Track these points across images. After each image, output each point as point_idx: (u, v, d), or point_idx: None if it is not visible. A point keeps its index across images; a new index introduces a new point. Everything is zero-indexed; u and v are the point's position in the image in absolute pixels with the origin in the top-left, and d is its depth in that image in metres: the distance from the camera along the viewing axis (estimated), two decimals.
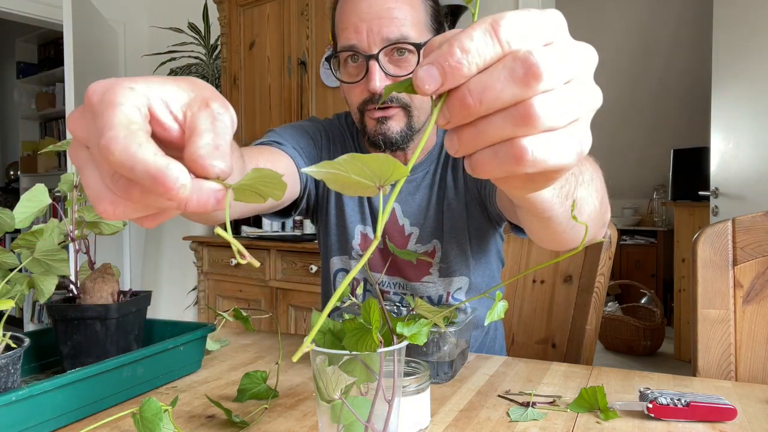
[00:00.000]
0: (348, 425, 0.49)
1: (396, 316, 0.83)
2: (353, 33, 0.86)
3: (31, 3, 3.42)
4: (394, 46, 0.86)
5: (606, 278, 1.13)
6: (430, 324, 0.52)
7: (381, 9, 0.85)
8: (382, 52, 0.86)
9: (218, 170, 0.31)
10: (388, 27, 0.85)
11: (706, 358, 0.95)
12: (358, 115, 0.92)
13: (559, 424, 0.66)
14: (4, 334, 0.62)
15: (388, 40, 0.85)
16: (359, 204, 1.04)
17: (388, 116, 0.89)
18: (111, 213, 0.32)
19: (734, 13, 2.86)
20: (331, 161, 0.31)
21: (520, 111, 0.29)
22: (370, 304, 0.48)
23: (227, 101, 0.34)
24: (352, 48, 0.87)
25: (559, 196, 0.51)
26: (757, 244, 0.95)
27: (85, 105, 0.32)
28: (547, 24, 0.30)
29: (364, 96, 0.89)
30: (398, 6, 0.86)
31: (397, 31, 0.85)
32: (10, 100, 5.30)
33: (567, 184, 0.52)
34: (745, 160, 2.87)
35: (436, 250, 1.00)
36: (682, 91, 4.54)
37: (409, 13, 0.87)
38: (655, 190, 4.59)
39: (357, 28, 0.86)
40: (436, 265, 1.00)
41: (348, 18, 0.87)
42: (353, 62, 0.89)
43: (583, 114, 0.32)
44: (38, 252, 0.69)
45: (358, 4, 0.87)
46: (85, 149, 0.33)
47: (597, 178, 0.62)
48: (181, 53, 3.30)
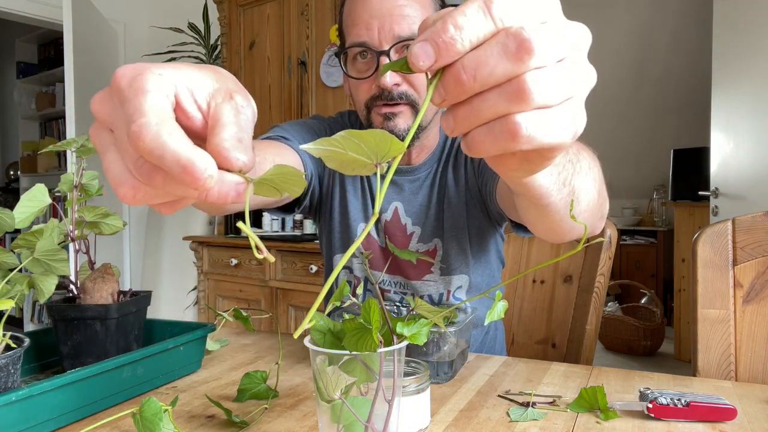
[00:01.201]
0: (348, 425, 0.49)
1: (396, 316, 0.83)
2: (364, 29, 0.87)
3: (31, 3, 3.42)
4: (404, 44, 0.86)
5: (606, 278, 1.13)
6: (430, 324, 0.52)
7: (392, 6, 0.86)
8: (393, 48, 0.86)
9: (241, 163, 0.31)
10: (399, 24, 0.86)
11: (706, 358, 0.95)
12: (365, 111, 0.92)
13: (559, 424, 0.66)
14: (4, 334, 0.62)
15: (399, 37, 0.86)
16: (362, 202, 1.04)
17: (396, 113, 0.89)
18: (131, 198, 0.32)
19: (734, 13, 2.86)
20: (329, 138, 0.31)
21: (514, 87, 0.29)
22: (370, 304, 0.48)
23: (249, 93, 0.35)
24: (363, 44, 0.88)
25: (557, 183, 0.51)
26: (757, 244, 0.95)
27: (113, 88, 0.32)
28: (540, 3, 0.30)
29: (372, 92, 0.89)
30: (409, 4, 0.86)
31: (408, 28, 0.86)
32: (10, 100, 5.30)
33: (564, 171, 0.52)
34: (745, 160, 2.87)
35: (437, 249, 1.00)
36: (682, 91, 4.54)
37: (420, 11, 0.87)
38: (655, 190, 4.59)
39: (368, 25, 0.87)
40: (437, 264, 1.00)
41: (359, 15, 0.88)
42: (362, 59, 0.90)
43: (576, 92, 0.32)
44: (38, 252, 0.69)
45: (369, 1, 0.87)
46: (108, 132, 0.33)
47: (595, 168, 0.62)
48: (181, 53, 3.30)
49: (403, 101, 0.88)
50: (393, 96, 0.87)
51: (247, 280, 2.74)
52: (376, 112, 0.90)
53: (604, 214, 0.72)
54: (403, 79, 0.87)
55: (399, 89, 0.87)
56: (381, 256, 1.03)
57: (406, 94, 0.88)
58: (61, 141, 0.86)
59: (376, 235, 1.03)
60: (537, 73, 0.29)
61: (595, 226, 0.71)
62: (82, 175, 0.77)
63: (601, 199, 0.66)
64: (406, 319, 0.52)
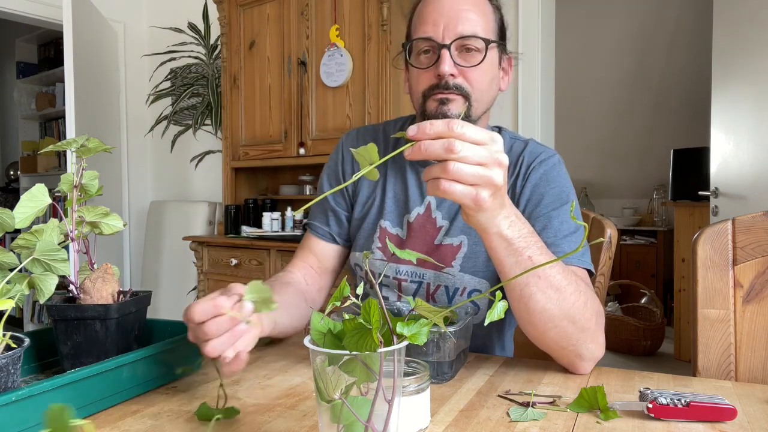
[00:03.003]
0: (348, 425, 0.49)
1: (396, 316, 0.83)
2: (431, 26, 0.95)
3: (31, 3, 3.42)
4: (465, 43, 0.95)
5: (606, 278, 1.13)
6: (430, 324, 0.52)
7: (459, 10, 0.95)
8: (454, 44, 0.94)
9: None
10: (462, 25, 0.94)
11: (706, 358, 0.95)
12: (421, 99, 0.99)
13: (559, 424, 0.66)
14: (4, 334, 0.62)
15: (462, 34, 0.94)
16: (381, 200, 1.09)
17: (450, 98, 0.96)
18: None
19: (734, 13, 2.86)
20: None
21: (444, 164, 0.63)
22: (370, 304, 0.48)
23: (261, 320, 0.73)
24: (429, 38, 0.96)
25: (511, 255, 0.75)
26: (757, 244, 0.95)
27: None
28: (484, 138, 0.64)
29: (431, 81, 0.96)
30: (474, 10, 0.96)
31: (470, 28, 0.95)
32: (10, 100, 5.30)
33: (519, 255, 0.75)
34: (745, 160, 2.87)
35: (462, 245, 1.01)
36: (682, 91, 4.54)
37: (482, 18, 0.97)
38: (655, 190, 4.59)
39: (435, 22, 0.95)
40: (458, 260, 1.01)
41: (429, 13, 0.97)
42: (425, 54, 0.98)
43: (482, 183, 0.64)
44: (38, 252, 0.69)
45: (440, 2, 0.96)
46: None
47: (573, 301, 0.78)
48: (181, 53, 3.30)
49: (457, 91, 0.95)
50: (449, 85, 0.95)
51: (247, 280, 2.72)
52: (432, 98, 0.97)
53: (581, 354, 0.82)
54: (459, 73, 0.95)
55: (455, 80, 0.95)
56: (398, 246, 1.05)
57: (460, 86, 0.96)
58: (61, 141, 0.86)
59: (400, 229, 1.06)
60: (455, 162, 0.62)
61: (573, 364, 0.84)
62: (82, 175, 0.77)
63: (576, 332, 0.79)
64: (406, 319, 0.52)
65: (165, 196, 3.87)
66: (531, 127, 2.45)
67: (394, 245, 1.05)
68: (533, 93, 2.44)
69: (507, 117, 2.52)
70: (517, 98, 2.47)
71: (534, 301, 0.78)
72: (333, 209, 1.13)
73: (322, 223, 1.13)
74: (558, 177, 0.99)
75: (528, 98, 2.45)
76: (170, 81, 3.43)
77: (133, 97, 3.77)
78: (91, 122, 3.18)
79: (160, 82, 3.40)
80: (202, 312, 0.67)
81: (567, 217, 0.94)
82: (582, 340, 0.80)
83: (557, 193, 0.96)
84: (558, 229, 0.93)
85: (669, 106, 4.62)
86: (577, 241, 0.92)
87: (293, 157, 2.79)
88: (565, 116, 4.08)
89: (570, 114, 4.63)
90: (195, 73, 3.37)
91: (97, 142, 0.76)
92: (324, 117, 2.69)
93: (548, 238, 0.91)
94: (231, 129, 3.04)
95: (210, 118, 3.25)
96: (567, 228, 0.93)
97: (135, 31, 3.82)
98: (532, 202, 0.97)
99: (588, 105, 4.89)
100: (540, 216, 0.95)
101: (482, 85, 0.97)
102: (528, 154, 1.01)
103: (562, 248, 0.91)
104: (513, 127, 2.50)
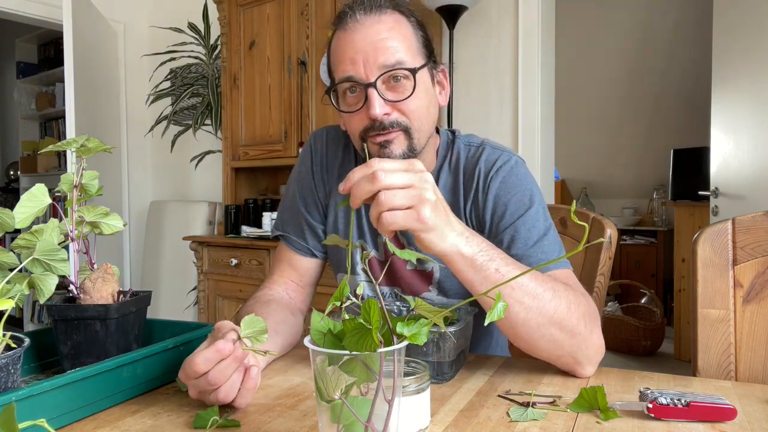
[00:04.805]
0: (348, 425, 0.49)
1: (396, 316, 0.83)
2: (350, 65, 0.89)
3: (31, 3, 3.42)
4: (391, 74, 0.88)
5: (606, 278, 1.13)
6: (430, 324, 0.52)
7: (375, 40, 0.88)
8: (380, 79, 0.88)
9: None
10: (383, 55, 0.88)
11: (706, 358, 0.95)
12: (360, 142, 0.94)
13: (559, 424, 0.66)
14: (4, 334, 0.62)
15: (385, 66, 0.88)
16: (357, 220, 1.06)
17: (390, 140, 0.90)
18: None
19: (734, 13, 2.86)
20: None
21: (376, 199, 0.64)
22: (370, 304, 0.48)
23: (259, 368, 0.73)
24: (350, 79, 0.89)
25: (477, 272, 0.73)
26: (757, 244, 0.95)
27: None
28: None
29: (364, 123, 0.90)
30: (391, 36, 0.89)
31: (392, 57, 0.88)
32: (10, 100, 5.30)
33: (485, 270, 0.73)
34: (745, 160, 2.87)
35: (434, 271, 0.99)
36: (682, 91, 4.54)
37: (402, 42, 0.89)
38: (655, 190, 4.59)
39: (353, 60, 0.88)
40: (435, 283, 1.00)
41: (344, 51, 0.90)
42: (351, 93, 0.92)
43: (417, 202, 0.65)
44: (38, 252, 0.69)
45: (352, 36, 0.89)
46: None
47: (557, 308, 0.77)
48: (181, 53, 3.29)
49: (395, 128, 0.90)
50: (385, 125, 0.89)
51: (247, 280, 2.73)
52: (371, 141, 0.91)
53: (579, 360, 0.81)
54: (393, 108, 0.89)
55: (390, 118, 0.89)
56: (379, 269, 1.04)
57: (398, 122, 0.90)
58: (61, 141, 0.86)
59: (375, 251, 1.04)
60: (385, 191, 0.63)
61: (573, 370, 0.82)
62: (82, 175, 0.77)
63: (567, 338, 0.78)
64: (406, 319, 0.52)
65: (165, 196, 3.87)
66: (531, 127, 2.45)
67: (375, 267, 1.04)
68: (533, 93, 2.44)
69: (507, 117, 2.52)
70: (517, 98, 2.47)
71: (513, 314, 0.75)
72: (309, 223, 1.08)
73: (298, 237, 1.08)
74: (518, 181, 0.94)
75: (528, 98, 2.45)
76: (170, 81, 3.43)
77: (133, 97, 3.77)
78: (91, 122, 3.18)
79: (160, 82, 3.40)
80: (206, 361, 0.66)
81: (534, 221, 0.90)
82: (576, 346, 0.79)
83: (519, 198, 0.93)
84: (527, 237, 0.89)
85: (669, 106, 4.62)
86: (548, 244, 0.89)
87: (293, 157, 2.79)
88: (565, 116, 4.08)
89: (570, 114, 4.63)
90: (195, 73, 3.37)
91: (97, 142, 0.76)
92: (324, 117, 2.69)
93: (519, 249, 0.88)
94: (231, 129, 3.04)
95: (210, 118, 3.25)
96: (536, 233, 0.90)
97: (135, 31, 3.82)
98: (497, 214, 0.93)
99: (588, 105, 4.89)
100: (507, 227, 0.91)
101: (420, 114, 0.91)
102: (484, 163, 0.96)
103: (536, 257, 0.88)
104: (513, 128, 2.50)
